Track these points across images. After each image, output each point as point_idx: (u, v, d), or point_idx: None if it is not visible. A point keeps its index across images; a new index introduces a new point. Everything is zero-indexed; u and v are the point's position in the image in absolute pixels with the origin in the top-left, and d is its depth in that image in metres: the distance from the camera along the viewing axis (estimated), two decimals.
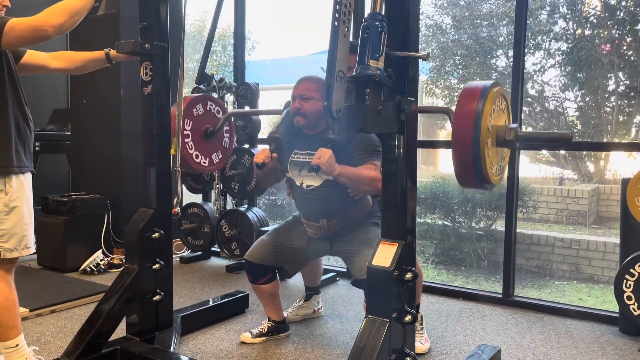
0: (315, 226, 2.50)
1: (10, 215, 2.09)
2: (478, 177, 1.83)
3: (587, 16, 6.61)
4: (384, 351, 1.69)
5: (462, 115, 1.80)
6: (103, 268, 3.86)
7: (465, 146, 1.78)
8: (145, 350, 2.30)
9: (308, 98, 2.38)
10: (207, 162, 2.99)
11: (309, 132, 2.46)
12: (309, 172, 2.43)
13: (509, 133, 1.94)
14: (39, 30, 1.93)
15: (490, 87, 1.86)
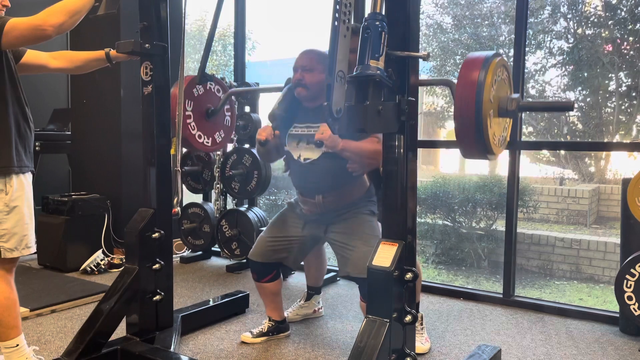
0: (311, 202, 2.48)
1: (10, 215, 2.09)
2: (480, 148, 1.82)
3: (588, 16, 6.60)
4: (384, 351, 1.69)
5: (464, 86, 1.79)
6: (103, 268, 3.86)
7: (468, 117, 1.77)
8: (145, 350, 2.30)
9: (310, 69, 2.38)
10: (210, 142, 2.99)
11: (309, 104, 2.45)
12: (308, 144, 2.41)
13: (511, 103, 1.94)
14: (39, 30, 1.93)
15: (492, 57, 1.85)
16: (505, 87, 2.00)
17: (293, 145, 2.49)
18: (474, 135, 1.79)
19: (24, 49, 2.23)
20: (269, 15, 9.08)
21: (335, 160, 2.32)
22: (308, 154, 2.43)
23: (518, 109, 1.94)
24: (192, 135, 2.88)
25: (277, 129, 2.45)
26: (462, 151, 1.92)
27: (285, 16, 9.62)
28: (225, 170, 4.00)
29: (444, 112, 7.86)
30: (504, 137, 2.06)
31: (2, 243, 2.08)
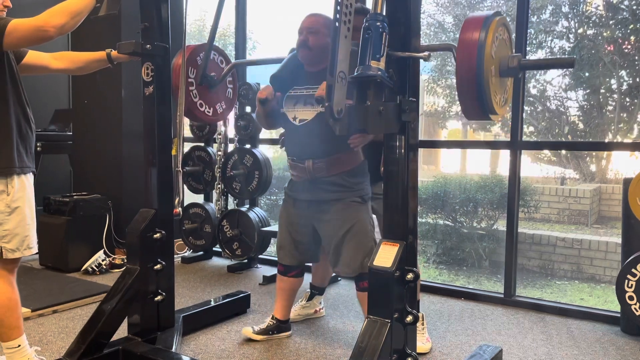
0: (300, 167, 2.45)
1: (12, 216, 2.09)
2: (483, 107, 1.81)
3: (590, 15, 6.60)
4: (386, 351, 1.69)
5: (465, 45, 1.78)
6: (105, 268, 3.86)
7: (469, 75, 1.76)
8: (147, 350, 2.30)
9: (315, 32, 2.37)
10: (212, 112, 2.98)
11: (310, 69, 2.44)
12: (305, 103, 2.40)
13: (512, 60, 1.93)
14: (41, 31, 1.93)
15: (492, 17, 1.85)
16: (506, 48, 1.99)
17: (290, 106, 2.46)
18: (475, 93, 1.78)
19: (26, 50, 2.24)
20: (269, 15, 9.08)
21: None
22: (304, 114, 2.41)
23: (520, 66, 1.94)
24: (193, 103, 2.87)
25: (278, 91, 2.44)
26: (464, 111, 1.90)
27: (286, 16, 9.61)
28: (227, 171, 4.00)
29: (445, 112, 7.86)
30: (505, 98, 2.06)
31: (3, 244, 2.08)
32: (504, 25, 1.94)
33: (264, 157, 3.92)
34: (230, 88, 3.10)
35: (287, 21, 10.25)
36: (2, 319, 2.07)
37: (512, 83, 2.16)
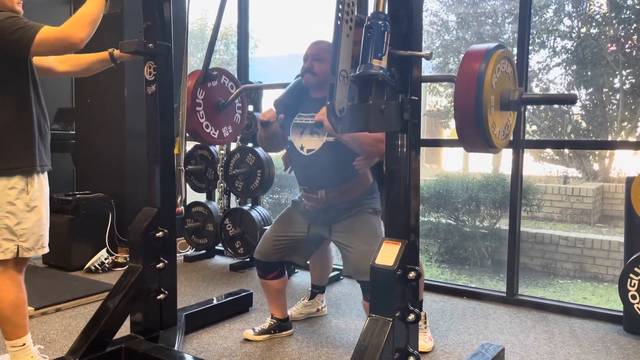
0: (314, 198, 2.47)
1: (30, 215, 2.12)
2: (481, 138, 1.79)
3: (593, 14, 6.58)
4: (388, 350, 1.69)
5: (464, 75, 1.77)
6: (107, 267, 3.87)
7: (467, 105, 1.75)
8: (149, 348, 2.31)
9: (320, 59, 2.40)
10: (217, 134, 2.99)
11: (315, 94, 2.46)
12: (311, 132, 2.41)
13: (513, 94, 1.92)
14: (68, 43, 1.96)
15: (494, 49, 1.84)
16: (508, 80, 1.98)
17: (297, 135, 2.47)
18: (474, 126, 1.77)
19: None
20: (271, 13, 9.08)
21: (337, 152, 2.32)
22: (311, 144, 2.43)
23: (521, 100, 1.92)
24: (199, 124, 2.88)
25: (281, 114, 2.45)
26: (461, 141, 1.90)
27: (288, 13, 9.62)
28: (229, 169, 4.01)
29: (448, 112, 7.85)
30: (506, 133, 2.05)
31: (21, 242, 2.10)
32: (506, 58, 1.93)
33: (266, 156, 3.92)
34: (238, 113, 3.11)
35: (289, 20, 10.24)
36: (9, 317, 2.08)
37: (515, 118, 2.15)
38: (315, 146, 2.41)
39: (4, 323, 2.09)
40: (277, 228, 2.62)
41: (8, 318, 2.08)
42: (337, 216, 2.47)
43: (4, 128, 2.03)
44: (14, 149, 2.05)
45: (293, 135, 2.49)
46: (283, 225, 2.61)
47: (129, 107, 4.18)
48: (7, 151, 2.04)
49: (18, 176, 2.06)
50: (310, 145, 2.43)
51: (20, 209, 2.08)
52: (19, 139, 2.06)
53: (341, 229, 2.46)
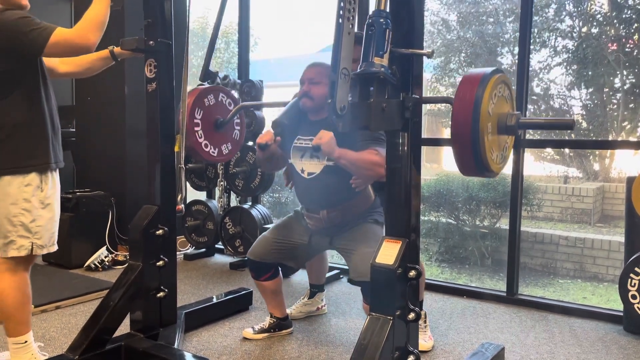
0: (316, 217, 2.49)
1: (44, 212, 2.12)
2: (477, 164, 1.81)
3: (594, 14, 6.58)
4: (388, 349, 1.69)
5: (461, 100, 1.78)
6: (107, 264, 3.87)
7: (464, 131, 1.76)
8: (149, 346, 2.31)
9: (317, 82, 2.39)
10: (217, 152, 3.00)
11: (313, 117, 2.46)
12: (311, 156, 2.42)
13: (511, 119, 1.92)
14: (83, 47, 2.00)
15: (491, 74, 1.84)
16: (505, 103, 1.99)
17: (297, 158, 2.50)
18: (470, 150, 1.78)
19: None
20: (272, 12, 9.09)
21: (338, 175, 2.33)
22: (311, 167, 2.45)
23: (518, 125, 1.93)
24: (198, 143, 2.89)
25: (278, 136, 2.46)
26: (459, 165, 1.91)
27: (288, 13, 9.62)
28: (229, 168, 4.00)
29: (448, 111, 7.85)
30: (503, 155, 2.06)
31: (35, 240, 2.10)
32: (503, 82, 1.94)
33: None
34: (237, 130, 3.11)
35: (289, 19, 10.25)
36: (14, 314, 2.08)
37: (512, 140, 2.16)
38: (315, 169, 2.44)
39: (8, 320, 2.10)
40: (277, 232, 2.62)
41: (12, 315, 2.08)
42: (339, 231, 2.49)
43: (19, 126, 2.04)
44: (30, 146, 2.06)
45: (294, 158, 2.51)
46: (284, 231, 2.61)
47: (129, 104, 4.18)
48: (23, 149, 2.05)
49: (34, 173, 2.07)
50: (310, 169, 2.45)
51: (35, 206, 2.09)
52: (33, 136, 2.07)
53: (343, 239, 2.47)
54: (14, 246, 2.07)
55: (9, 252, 2.07)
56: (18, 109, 2.04)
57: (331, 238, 2.53)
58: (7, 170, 2.03)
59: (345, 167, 2.26)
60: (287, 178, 2.67)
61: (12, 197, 2.04)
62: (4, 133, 2.03)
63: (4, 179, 2.04)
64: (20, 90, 2.04)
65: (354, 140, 2.32)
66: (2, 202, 2.05)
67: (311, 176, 2.45)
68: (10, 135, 2.03)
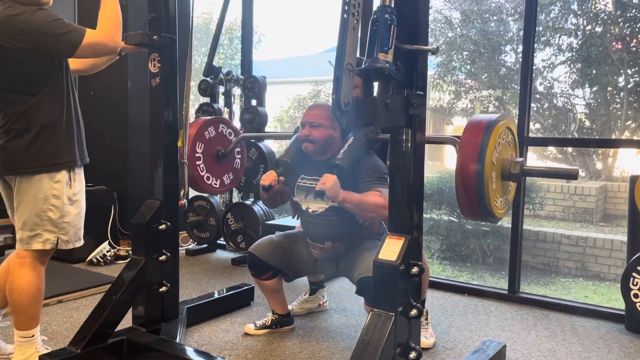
0: (320, 247, 2.51)
1: (72, 208, 2.15)
2: (482, 212, 1.83)
3: (598, 13, 6.56)
4: (389, 345, 1.69)
5: (466, 149, 1.80)
6: (109, 259, 3.88)
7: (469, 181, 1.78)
8: (151, 340, 2.31)
9: (317, 125, 2.39)
10: (218, 184, 3.03)
11: (317, 157, 2.47)
12: (315, 197, 2.44)
13: (515, 167, 1.93)
14: (111, 49, 2.05)
15: (496, 121, 1.85)
16: (509, 148, 1.99)
17: (302, 197, 2.51)
18: (475, 199, 1.79)
19: None
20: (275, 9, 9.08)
21: (343, 212, 2.33)
22: (316, 206, 2.47)
23: (521, 173, 1.94)
24: (200, 177, 2.91)
25: (281, 175, 2.47)
26: (464, 213, 1.92)
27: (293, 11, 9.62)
28: None
29: (451, 108, 7.84)
30: (507, 200, 2.06)
31: (61, 235, 2.13)
32: (507, 129, 1.95)
33: (269, 151, 3.92)
34: (238, 159, 3.12)
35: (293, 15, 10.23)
36: (27, 308, 2.09)
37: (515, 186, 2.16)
38: (320, 208, 2.46)
39: (19, 313, 2.11)
40: (285, 239, 2.62)
41: (25, 309, 2.09)
42: (344, 256, 2.50)
43: (48, 125, 2.06)
44: (58, 144, 2.08)
45: (298, 197, 2.53)
46: (294, 241, 2.62)
47: (132, 99, 4.18)
48: (52, 147, 2.07)
49: (63, 171, 2.10)
50: (315, 208, 2.47)
51: (64, 203, 2.11)
52: (61, 134, 2.09)
53: (348, 259, 2.48)
54: (40, 239, 2.09)
55: (33, 244, 2.09)
56: (46, 108, 2.05)
57: (337, 263, 2.54)
58: (38, 169, 2.05)
59: (350, 209, 2.27)
60: (294, 211, 2.67)
61: (43, 194, 2.06)
62: (34, 132, 2.04)
63: (35, 177, 2.06)
64: (47, 90, 2.06)
65: (357, 180, 2.33)
66: (33, 199, 2.06)
67: (316, 213, 2.47)
68: (40, 134, 2.05)
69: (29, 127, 2.03)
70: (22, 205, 2.08)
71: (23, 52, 1.96)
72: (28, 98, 2.03)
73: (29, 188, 2.06)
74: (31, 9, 1.97)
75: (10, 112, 2.03)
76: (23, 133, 2.03)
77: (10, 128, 2.03)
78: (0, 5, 1.99)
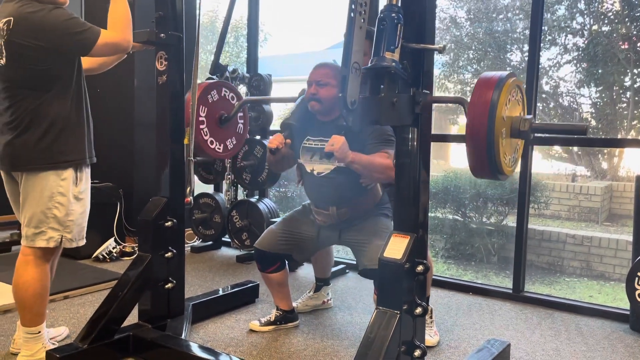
0: (324, 214, 2.51)
1: (77, 206, 2.16)
2: (491, 167, 1.83)
3: (605, 12, 6.53)
4: (394, 343, 1.70)
5: (477, 105, 1.79)
6: (115, 256, 3.90)
7: (479, 136, 1.78)
8: (157, 336, 2.33)
9: (324, 84, 2.38)
10: (222, 148, 3.01)
11: (322, 118, 2.47)
12: (321, 158, 2.43)
13: (524, 124, 1.93)
14: (126, 49, 2.09)
15: (506, 78, 1.85)
16: (518, 108, 1.99)
17: (307, 159, 2.50)
18: (485, 154, 1.79)
19: None
20: (282, 7, 9.08)
21: (348, 174, 2.34)
22: (321, 167, 2.46)
23: (531, 130, 1.94)
24: (204, 141, 2.91)
25: (288, 138, 2.46)
26: (473, 170, 1.93)
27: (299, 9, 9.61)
28: (237, 161, 4.02)
29: (456, 108, 7.83)
30: (515, 158, 2.07)
31: (65, 233, 2.14)
32: (517, 87, 1.94)
33: None
34: (241, 123, 3.12)
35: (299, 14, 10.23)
36: (32, 305, 2.11)
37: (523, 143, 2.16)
38: (325, 170, 2.45)
39: (25, 310, 2.12)
40: (285, 225, 2.63)
41: (31, 306, 2.11)
42: (348, 226, 2.51)
43: (57, 122, 2.07)
44: (67, 142, 2.09)
45: (303, 158, 2.52)
46: (292, 223, 2.62)
47: (138, 97, 4.20)
48: (61, 144, 2.08)
49: (70, 169, 2.11)
50: (320, 169, 2.46)
51: (70, 201, 2.12)
52: (70, 132, 2.11)
53: (353, 232, 2.49)
54: (44, 237, 2.10)
55: (37, 242, 2.10)
56: (57, 106, 2.07)
57: (340, 232, 2.54)
58: (45, 166, 2.07)
59: (357, 170, 2.27)
60: (299, 176, 2.67)
61: (49, 191, 2.08)
62: (42, 129, 2.05)
63: (41, 174, 2.07)
64: (59, 87, 2.07)
65: (364, 142, 2.33)
66: (39, 196, 2.08)
67: (321, 175, 2.46)
68: (49, 131, 2.06)
69: (38, 123, 2.05)
70: (28, 202, 2.09)
71: (38, 50, 1.98)
72: (40, 95, 2.04)
73: (35, 185, 2.07)
74: (48, 7, 1.99)
75: (21, 108, 2.04)
76: (32, 129, 2.04)
77: (20, 124, 2.05)
78: (17, 3, 2.01)
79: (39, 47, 1.97)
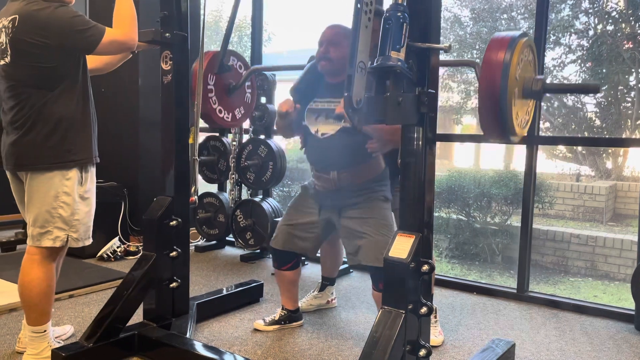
0: (325, 178, 2.47)
1: (83, 206, 2.17)
2: (503, 127, 1.81)
3: (609, 11, 6.51)
4: (399, 342, 1.70)
5: (490, 64, 1.77)
6: (119, 255, 3.91)
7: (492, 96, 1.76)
8: (162, 335, 2.33)
9: (336, 43, 2.37)
10: (230, 117, 3.01)
11: (331, 80, 2.45)
12: (327, 117, 2.41)
13: (536, 83, 1.92)
14: (131, 47, 2.10)
15: (519, 38, 1.84)
16: (530, 69, 1.98)
17: (312, 120, 2.47)
18: (497, 114, 1.77)
19: None
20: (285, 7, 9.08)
21: (352, 136, 2.31)
22: (326, 128, 2.42)
23: (543, 89, 1.93)
24: (213, 110, 2.90)
25: (298, 103, 2.45)
26: (484, 129, 1.90)
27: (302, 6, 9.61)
28: (241, 161, 4.02)
29: (460, 108, 7.81)
30: (526, 119, 2.05)
31: (71, 233, 2.15)
32: (529, 46, 1.93)
33: (279, 148, 3.93)
34: (248, 93, 3.12)
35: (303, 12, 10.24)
36: (38, 304, 2.12)
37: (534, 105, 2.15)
38: (331, 130, 2.41)
39: (31, 309, 2.13)
40: (289, 216, 2.63)
41: (36, 305, 2.12)
42: (348, 199, 2.46)
43: (63, 121, 2.08)
44: (72, 141, 2.10)
45: (308, 120, 2.48)
46: (295, 214, 2.62)
47: (143, 96, 4.20)
48: (66, 144, 2.09)
49: (75, 168, 2.12)
50: (325, 130, 2.42)
51: (75, 200, 2.13)
52: (76, 131, 2.11)
53: (351, 215, 2.45)
54: (50, 236, 2.10)
55: (43, 241, 2.10)
56: (63, 104, 2.08)
57: (339, 211, 2.49)
58: (51, 165, 2.07)
59: (368, 132, 2.25)
60: (303, 141, 2.65)
61: (54, 191, 2.08)
62: (49, 128, 2.06)
63: (46, 174, 2.07)
64: (64, 86, 2.08)
65: None
66: (44, 195, 2.08)
67: (325, 136, 2.42)
68: (55, 130, 2.06)
69: (44, 122, 2.05)
70: (33, 201, 2.10)
71: (44, 47, 1.98)
72: (46, 93, 2.05)
73: (40, 184, 2.08)
74: (54, 5, 1.99)
75: (27, 106, 2.05)
76: (37, 128, 2.05)
77: (25, 123, 2.05)
78: (23, 1, 2.01)
79: (45, 44, 1.97)
